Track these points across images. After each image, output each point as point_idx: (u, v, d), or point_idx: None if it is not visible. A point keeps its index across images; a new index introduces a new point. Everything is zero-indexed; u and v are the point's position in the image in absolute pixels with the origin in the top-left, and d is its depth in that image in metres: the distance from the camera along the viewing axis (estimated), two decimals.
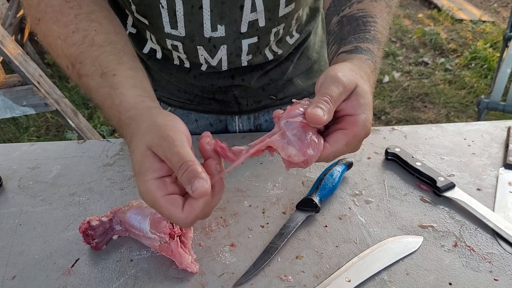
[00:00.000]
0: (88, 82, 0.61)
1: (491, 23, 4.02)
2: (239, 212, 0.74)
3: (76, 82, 0.64)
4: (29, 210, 0.76)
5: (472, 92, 3.06)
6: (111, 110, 0.58)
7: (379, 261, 0.64)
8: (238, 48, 0.80)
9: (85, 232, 0.66)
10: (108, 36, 0.64)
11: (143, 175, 0.50)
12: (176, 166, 0.49)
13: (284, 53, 0.89)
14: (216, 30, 0.76)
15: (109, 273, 0.64)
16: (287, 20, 0.81)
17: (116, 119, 0.58)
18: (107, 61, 0.61)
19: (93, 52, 0.61)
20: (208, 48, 0.80)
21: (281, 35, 0.84)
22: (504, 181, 0.78)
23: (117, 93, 0.58)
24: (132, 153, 0.53)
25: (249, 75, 0.88)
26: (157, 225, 0.63)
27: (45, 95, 2.03)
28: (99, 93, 0.60)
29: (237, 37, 0.78)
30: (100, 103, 0.60)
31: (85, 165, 0.86)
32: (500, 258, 0.65)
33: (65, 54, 0.64)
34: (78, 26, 0.63)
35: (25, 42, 2.92)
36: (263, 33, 0.80)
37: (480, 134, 0.90)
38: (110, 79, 0.59)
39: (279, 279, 0.63)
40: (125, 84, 0.59)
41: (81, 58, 0.62)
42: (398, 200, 0.75)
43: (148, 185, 0.50)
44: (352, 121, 0.54)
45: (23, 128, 2.80)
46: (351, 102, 0.54)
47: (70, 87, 3.14)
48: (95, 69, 0.60)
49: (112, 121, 0.60)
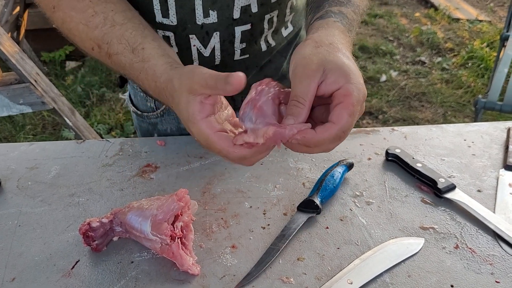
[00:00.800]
0: (120, 60, 0.66)
1: (488, 22, 4.03)
2: (240, 213, 0.73)
3: (105, 61, 0.69)
4: (28, 211, 0.75)
5: (469, 91, 3.07)
6: (146, 81, 0.64)
7: (381, 263, 0.64)
8: (231, 35, 0.80)
9: (86, 233, 0.66)
10: (125, 13, 0.68)
11: (192, 119, 0.56)
12: (213, 84, 0.54)
13: (276, 46, 0.89)
14: (208, 16, 0.77)
15: (110, 275, 0.64)
16: (280, 6, 0.82)
17: (152, 87, 0.64)
18: (133, 37, 0.65)
19: (117, 31, 0.66)
20: (200, 36, 0.79)
21: (275, 25, 0.84)
22: (505, 183, 0.78)
23: (149, 65, 0.63)
24: (177, 107, 0.59)
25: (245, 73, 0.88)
26: (158, 227, 0.63)
27: (42, 93, 2.02)
28: (134, 68, 0.65)
29: (230, 23, 0.79)
30: (135, 76, 0.66)
31: (84, 165, 0.85)
32: (501, 260, 0.65)
33: (90, 37, 0.68)
34: (96, 9, 0.67)
35: (22, 39, 2.90)
36: (256, 20, 0.80)
37: (480, 135, 0.90)
38: (141, 53, 0.64)
39: (281, 281, 0.62)
40: (155, 55, 0.64)
41: (107, 38, 0.66)
42: (399, 201, 0.75)
43: (199, 125, 0.55)
44: (342, 93, 0.53)
45: (19, 126, 2.78)
46: (330, 79, 0.54)
47: (67, 85, 3.13)
48: (124, 47, 0.65)
49: (148, 89, 0.65)
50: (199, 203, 0.75)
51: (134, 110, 1.02)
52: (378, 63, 3.41)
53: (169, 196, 0.65)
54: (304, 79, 0.54)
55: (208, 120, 0.56)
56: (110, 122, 2.80)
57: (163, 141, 0.90)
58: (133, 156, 0.87)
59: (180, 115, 0.59)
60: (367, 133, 0.92)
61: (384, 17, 4.15)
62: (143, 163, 0.85)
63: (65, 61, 3.41)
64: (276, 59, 0.92)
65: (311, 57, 0.55)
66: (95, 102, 2.98)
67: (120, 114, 2.86)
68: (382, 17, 4.15)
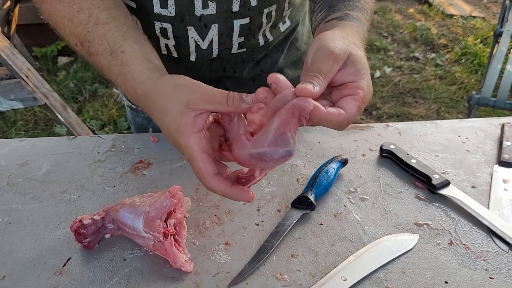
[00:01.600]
0: (99, 60, 0.64)
1: (481, 18, 4.04)
2: (233, 210, 0.73)
3: (86, 59, 0.68)
4: (18, 208, 0.74)
5: (463, 87, 3.08)
6: (124, 86, 0.62)
7: (375, 259, 0.64)
8: (230, 28, 0.80)
9: (77, 230, 0.65)
10: (110, 12, 0.66)
11: (182, 131, 0.54)
12: (222, 100, 0.52)
13: (273, 41, 0.89)
14: (207, 7, 0.76)
15: (102, 272, 0.63)
16: (278, 1, 0.81)
17: (131, 93, 0.61)
18: (114, 38, 0.63)
19: (99, 30, 0.64)
20: (199, 28, 0.79)
21: (273, 19, 0.84)
22: (499, 179, 0.78)
23: (128, 70, 0.61)
24: (163, 115, 0.56)
25: (241, 67, 0.88)
26: (151, 224, 0.62)
27: (34, 89, 2.00)
28: (111, 71, 0.63)
29: (229, 16, 0.78)
30: (113, 79, 0.64)
31: (76, 161, 0.84)
32: (495, 256, 0.65)
33: (73, 33, 0.66)
34: (82, 5, 0.65)
35: (12, 34, 2.86)
36: (255, 14, 0.79)
37: (474, 131, 0.90)
38: (120, 56, 0.62)
39: (275, 278, 0.62)
40: (134, 60, 0.61)
41: (89, 37, 0.65)
42: (393, 197, 0.75)
43: (188, 139, 0.53)
44: (356, 86, 0.54)
45: (11, 122, 2.75)
46: (349, 70, 0.55)
47: (59, 80, 3.10)
48: (104, 48, 0.63)
49: (126, 94, 0.63)
50: (192, 199, 0.74)
51: (129, 105, 1.01)
52: (372, 59, 3.41)
53: (162, 192, 0.65)
54: (329, 59, 0.53)
55: (198, 136, 0.54)
56: (103, 118, 2.78)
57: (156, 137, 0.89)
58: (126, 152, 0.86)
59: (164, 123, 0.56)
60: (361, 129, 0.91)
61: (378, 13, 4.15)
62: (135, 160, 0.84)
63: (57, 57, 3.38)
64: (273, 54, 0.91)
65: (339, 43, 0.55)
66: (88, 98, 2.95)
67: (113, 110, 2.84)
68: (376, 13, 4.15)
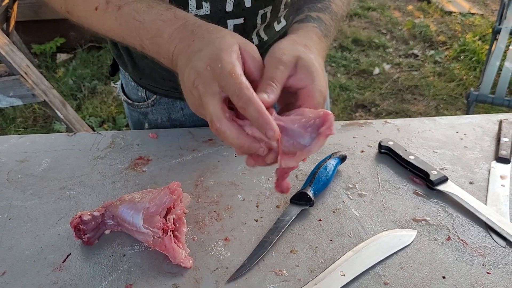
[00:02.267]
0: (135, 6, 0.61)
1: (480, 15, 4.04)
2: (232, 206, 0.73)
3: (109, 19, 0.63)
4: (18, 204, 0.74)
5: (461, 84, 3.08)
6: (173, 19, 0.58)
7: (373, 255, 0.64)
8: None
9: (77, 226, 0.65)
10: None
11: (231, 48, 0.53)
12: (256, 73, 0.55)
13: (269, 40, 0.89)
14: (201, 8, 0.76)
15: (102, 268, 0.63)
16: (274, 2, 0.81)
17: (177, 25, 0.58)
18: None
19: None
20: None
21: (268, 19, 0.84)
22: (496, 175, 0.78)
23: (179, 10, 0.60)
24: (214, 38, 0.54)
25: None
26: (151, 220, 0.62)
27: (33, 85, 2.00)
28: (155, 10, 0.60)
29: (222, 16, 0.78)
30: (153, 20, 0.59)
31: (75, 158, 0.84)
32: (492, 252, 0.65)
33: None
34: None
35: (11, 31, 2.85)
36: (249, 14, 0.80)
37: (472, 127, 0.91)
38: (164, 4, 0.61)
39: (274, 273, 0.62)
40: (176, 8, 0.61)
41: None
42: (391, 193, 0.75)
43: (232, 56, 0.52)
44: (306, 93, 0.56)
45: (10, 119, 2.75)
46: (298, 75, 0.56)
47: (58, 77, 3.09)
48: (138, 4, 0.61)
49: (168, 28, 0.58)
50: (192, 196, 0.75)
51: (125, 99, 1.02)
52: (371, 56, 3.41)
53: (162, 189, 0.65)
54: (279, 66, 0.55)
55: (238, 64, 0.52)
56: (102, 115, 2.78)
57: (155, 133, 0.89)
58: (125, 148, 0.86)
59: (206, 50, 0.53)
60: (360, 126, 0.92)
61: (377, 10, 4.14)
62: (135, 156, 0.84)
63: (56, 53, 3.37)
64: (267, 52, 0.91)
65: (288, 50, 0.57)
66: (87, 94, 2.95)
67: (112, 107, 2.84)
68: (375, 10, 4.15)
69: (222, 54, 0.52)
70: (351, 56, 3.42)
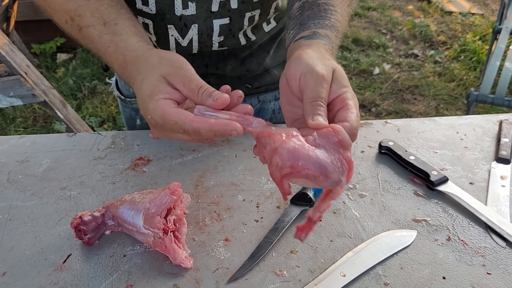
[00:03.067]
0: (90, 32, 0.64)
1: (480, 15, 4.04)
2: (233, 206, 0.73)
3: (75, 35, 0.68)
4: (19, 205, 0.74)
5: (461, 84, 3.08)
6: (115, 54, 0.62)
7: (374, 255, 0.64)
8: (209, 28, 0.80)
9: (77, 227, 0.65)
10: None
11: (155, 96, 0.54)
12: (195, 89, 0.54)
13: (257, 40, 0.88)
14: (187, 8, 0.77)
15: (102, 268, 0.63)
16: (263, 6, 0.81)
17: (120, 62, 0.62)
18: (107, 12, 0.64)
19: (91, 5, 0.65)
20: (179, 27, 0.79)
21: (256, 21, 0.84)
22: (496, 175, 0.78)
23: (121, 39, 0.62)
24: (142, 82, 0.57)
25: (223, 64, 0.88)
26: (151, 221, 0.62)
27: (33, 85, 2.00)
28: (102, 40, 0.63)
29: (208, 16, 0.78)
30: (103, 50, 0.64)
31: (75, 158, 0.84)
32: (492, 252, 0.65)
33: (63, 9, 0.67)
34: None
35: (11, 31, 2.85)
36: (235, 15, 0.80)
37: (472, 127, 0.91)
38: (113, 27, 0.63)
39: (274, 274, 0.62)
40: (128, 32, 0.63)
41: (80, 11, 0.65)
42: (391, 194, 0.76)
43: (158, 103, 0.54)
44: (343, 98, 0.55)
45: (10, 119, 2.75)
46: (333, 87, 0.56)
47: (58, 77, 3.09)
48: (95, 20, 0.64)
49: (115, 65, 0.63)
50: (192, 196, 0.75)
51: (118, 95, 1.02)
52: (371, 56, 3.41)
53: (162, 189, 0.65)
54: (323, 83, 0.54)
55: (170, 101, 0.55)
56: (102, 115, 2.78)
57: None
58: (125, 149, 0.86)
59: (141, 90, 0.57)
60: (360, 126, 0.91)
61: (378, 10, 4.14)
62: (135, 156, 0.84)
63: (56, 53, 3.37)
64: (258, 54, 0.91)
65: (320, 64, 0.56)
66: (87, 94, 2.95)
67: (112, 107, 2.84)
68: (375, 10, 4.15)
69: (148, 106, 0.55)
70: (351, 56, 3.42)
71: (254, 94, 0.97)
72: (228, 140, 0.88)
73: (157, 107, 0.54)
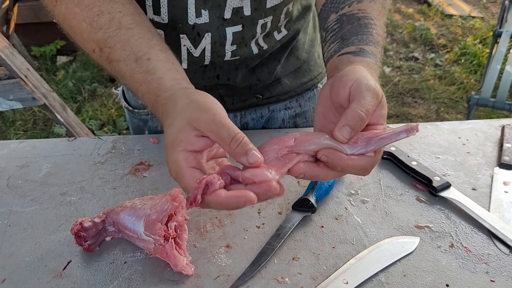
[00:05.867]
0: (121, 67, 0.61)
1: (481, 19, 4.05)
2: (234, 212, 0.73)
3: (105, 66, 0.64)
4: (18, 210, 0.74)
5: (462, 87, 3.08)
6: (147, 94, 0.59)
7: (376, 262, 0.64)
8: (222, 36, 0.79)
9: (77, 233, 0.65)
10: (133, 17, 0.63)
11: (176, 146, 0.51)
12: (226, 138, 0.50)
13: (269, 49, 0.87)
14: (201, 16, 0.75)
15: (102, 275, 0.63)
16: (275, 12, 0.80)
17: (152, 102, 0.59)
18: (138, 45, 0.60)
19: (122, 36, 0.61)
20: (191, 36, 0.78)
21: (269, 29, 0.83)
22: (499, 181, 0.78)
23: (154, 78, 0.58)
24: (168, 127, 0.54)
25: (234, 74, 0.87)
26: (152, 227, 0.62)
27: (33, 89, 1.99)
28: (134, 79, 0.60)
29: (221, 23, 0.77)
30: (135, 87, 0.61)
31: (76, 163, 0.84)
32: (496, 259, 0.65)
33: (92, 38, 0.63)
34: (102, 9, 0.62)
35: (11, 34, 2.86)
36: (248, 23, 0.79)
37: (474, 132, 0.90)
38: (145, 64, 0.59)
39: (276, 281, 0.62)
40: (161, 68, 0.59)
41: (110, 42, 0.61)
42: (394, 200, 0.75)
43: (178, 155, 0.51)
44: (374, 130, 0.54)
45: (10, 122, 2.75)
46: (377, 112, 0.54)
47: (58, 80, 3.09)
48: (127, 54, 0.60)
49: (147, 103, 0.60)
50: None
51: (126, 106, 1.01)
52: None
53: (163, 195, 0.64)
54: (375, 99, 0.53)
55: (191, 154, 0.52)
56: (102, 117, 2.78)
57: (156, 138, 0.89)
58: (126, 154, 0.86)
59: (166, 136, 0.54)
60: None
61: None
62: (136, 161, 0.84)
63: (56, 56, 3.37)
64: (269, 63, 0.90)
65: (375, 82, 0.55)
66: (87, 97, 2.95)
67: (112, 110, 2.83)
68: None
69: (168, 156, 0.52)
70: None
71: (265, 105, 0.96)
72: None
73: (176, 160, 0.51)
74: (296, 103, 0.99)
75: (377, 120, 0.55)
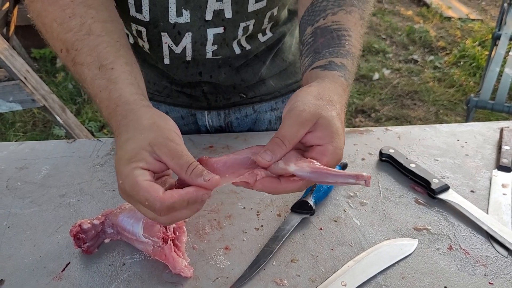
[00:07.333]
0: (83, 71, 0.61)
1: (480, 21, 4.06)
2: (233, 214, 0.73)
3: (69, 67, 0.64)
4: (17, 212, 0.74)
5: (461, 90, 3.08)
6: (106, 101, 0.59)
7: (375, 264, 0.64)
8: (203, 37, 0.79)
9: (76, 235, 0.65)
10: (105, 25, 0.63)
11: (133, 163, 0.52)
12: (184, 165, 0.52)
13: (252, 50, 0.87)
14: (181, 15, 0.75)
15: (101, 277, 0.63)
16: (257, 16, 0.80)
17: (110, 110, 0.59)
18: (105, 53, 0.61)
19: (90, 41, 0.61)
20: (172, 34, 0.78)
21: (251, 31, 0.83)
22: (497, 183, 0.78)
23: (116, 88, 0.59)
24: (126, 141, 0.54)
25: (217, 72, 0.87)
26: (151, 229, 0.62)
27: (32, 90, 2.00)
28: (95, 84, 0.60)
29: (202, 24, 0.77)
30: (94, 93, 0.61)
31: (75, 165, 0.84)
32: (494, 261, 0.65)
33: (61, 38, 0.63)
34: (75, 11, 0.62)
35: (11, 36, 2.86)
36: (229, 25, 0.79)
37: (473, 135, 0.91)
38: (109, 72, 0.59)
39: (274, 283, 0.62)
40: (124, 80, 0.60)
41: (77, 45, 0.61)
42: (392, 202, 0.75)
43: (134, 171, 0.51)
44: (321, 151, 0.55)
45: (9, 123, 2.75)
46: (317, 134, 0.55)
47: (57, 82, 3.09)
48: (92, 60, 0.60)
49: (103, 110, 0.60)
50: None
51: None
52: (370, 61, 3.41)
53: None
54: (296, 124, 0.55)
55: (147, 172, 0.52)
56: (101, 119, 2.78)
57: None
58: None
59: (121, 150, 0.54)
60: (360, 133, 0.91)
61: (377, 15, 4.16)
62: None
63: (56, 58, 3.37)
64: (254, 63, 0.90)
65: (309, 105, 0.55)
66: (86, 99, 2.95)
67: None
68: (374, 15, 4.16)
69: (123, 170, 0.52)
70: None
71: (249, 104, 0.96)
72: (228, 147, 0.87)
73: (131, 175, 0.51)
74: (282, 104, 0.99)
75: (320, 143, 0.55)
